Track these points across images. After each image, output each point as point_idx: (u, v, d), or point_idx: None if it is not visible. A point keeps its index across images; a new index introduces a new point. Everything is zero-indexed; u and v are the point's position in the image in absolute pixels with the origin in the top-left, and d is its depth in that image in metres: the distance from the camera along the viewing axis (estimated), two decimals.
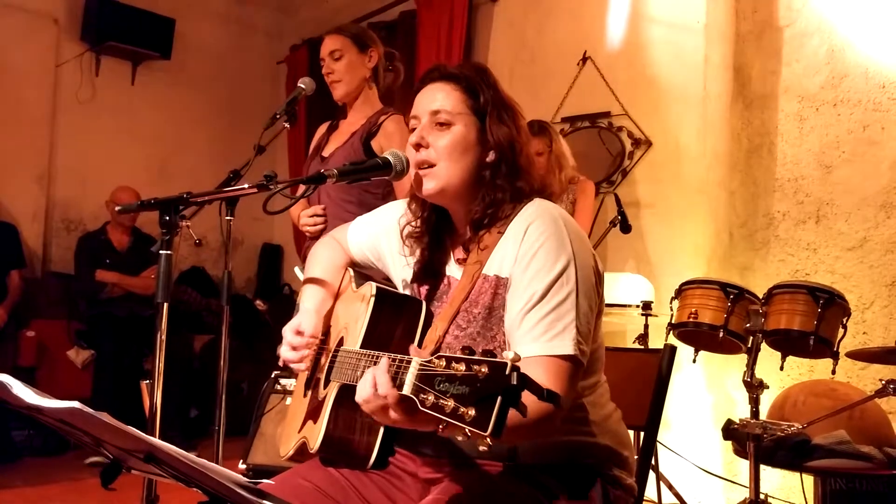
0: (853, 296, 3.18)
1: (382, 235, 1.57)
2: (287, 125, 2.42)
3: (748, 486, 2.50)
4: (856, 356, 2.60)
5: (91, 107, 5.35)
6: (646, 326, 3.26)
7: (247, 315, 5.36)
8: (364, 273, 1.60)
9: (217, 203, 1.71)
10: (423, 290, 1.47)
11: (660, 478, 3.11)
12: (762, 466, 2.50)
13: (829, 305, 2.54)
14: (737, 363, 3.31)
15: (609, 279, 3.29)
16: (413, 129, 1.41)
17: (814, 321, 2.52)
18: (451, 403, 0.88)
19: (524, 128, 1.42)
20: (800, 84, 3.72)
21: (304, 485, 1.37)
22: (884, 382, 2.24)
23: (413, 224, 1.48)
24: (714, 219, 3.74)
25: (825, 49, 3.64)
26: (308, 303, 1.52)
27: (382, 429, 1.31)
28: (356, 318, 1.40)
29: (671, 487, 3.15)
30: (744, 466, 3.39)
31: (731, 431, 2.52)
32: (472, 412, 0.86)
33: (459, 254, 1.43)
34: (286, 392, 2.59)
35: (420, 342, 1.36)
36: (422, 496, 1.35)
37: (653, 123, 3.83)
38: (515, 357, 0.87)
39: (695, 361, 2.96)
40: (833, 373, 2.62)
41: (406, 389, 0.96)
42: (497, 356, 0.88)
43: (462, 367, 0.89)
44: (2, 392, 0.98)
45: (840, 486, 2.59)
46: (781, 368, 2.76)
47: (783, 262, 3.71)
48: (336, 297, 1.57)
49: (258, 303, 5.45)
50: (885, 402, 2.83)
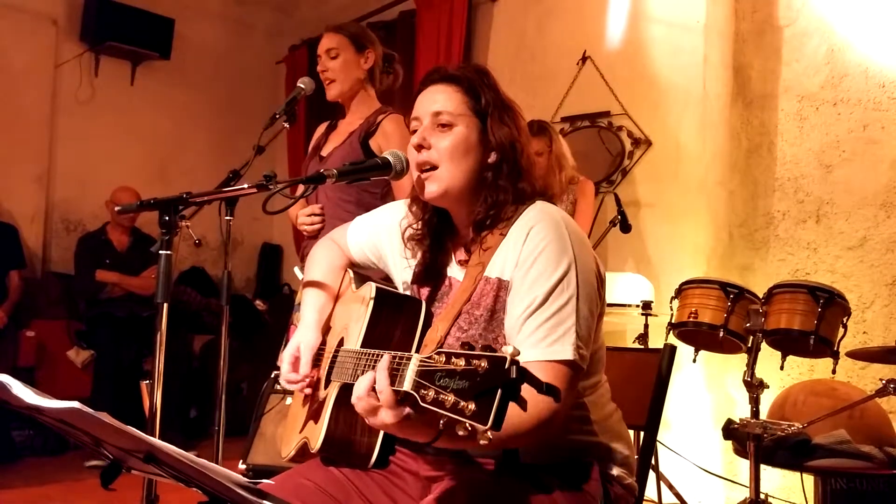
0: (853, 295, 3.19)
1: (384, 236, 1.57)
2: (286, 125, 2.42)
3: (748, 486, 2.51)
4: (856, 356, 2.60)
5: (90, 107, 5.34)
6: (646, 326, 3.26)
7: (247, 315, 5.36)
8: (363, 274, 1.60)
9: (217, 203, 1.70)
10: (425, 292, 1.47)
11: (660, 477, 3.12)
12: (762, 466, 2.50)
13: (830, 305, 2.54)
14: (737, 363, 3.31)
15: (609, 279, 3.28)
16: (414, 131, 1.40)
17: (814, 321, 2.52)
18: (452, 398, 0.89)
19: (525, 128, 1.42)
20: (800, 84, 3.72)
21: (305, 484, 1.36)
22: (884, 382, 2.24)
23: (414, 227, 1.47)
24: (714, 218, 3.74)
25: (825, 49, 3.64)
26: (308, 314, 1.52)
27: None
28: (356, 319, 1.40)
29: (671, 487, 3.15)
30: (744, 466, 3.39)
31: (732, 431, 2.52)
32: (472, 406, 0.87)
33: (461, 255, 1.43)
34: (286, 392, 2.58)
35: (420, 342, 1.36)
36: (423, 495, 1.35)
37: (652, 123, 3.84)
38: (515, 351, 0.87)
39: (695, 361, 2.96)
40: (833, 372, 2.62)
41: (406, 385, 0.96)
42: (496, 351, 0.89)
43: (462, 363, 0.89)
44: (2, 392, 0.98)
45: (840, 486, 2.60)
46: (781, 368, 2.76)
47: (783, 262, 3.71)
48: (336, 299, 1.57)
49: (258, 303, 5.47)
50: (886, 402, 2.83)
